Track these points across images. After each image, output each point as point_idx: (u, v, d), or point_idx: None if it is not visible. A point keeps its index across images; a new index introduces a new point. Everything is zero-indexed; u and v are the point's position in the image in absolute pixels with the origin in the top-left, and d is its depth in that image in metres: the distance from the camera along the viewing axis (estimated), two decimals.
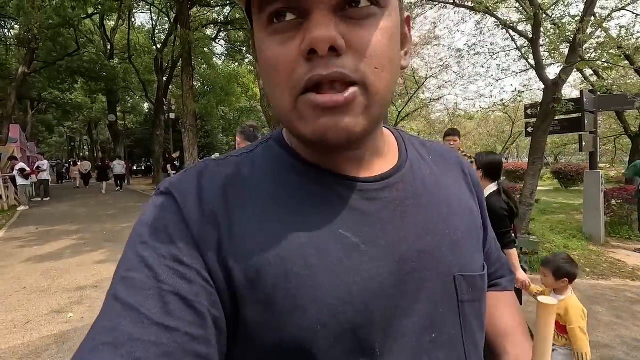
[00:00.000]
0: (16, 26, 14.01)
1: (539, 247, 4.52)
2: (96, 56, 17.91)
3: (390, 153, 0.47)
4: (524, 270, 2.40)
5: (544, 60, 5.41)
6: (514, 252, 2.26)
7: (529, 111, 6.06)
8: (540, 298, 0.40)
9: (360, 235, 0.39)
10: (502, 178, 2.38)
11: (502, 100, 7.22)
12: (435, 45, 9.46)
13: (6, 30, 14.77)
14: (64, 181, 21.28)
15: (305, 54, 0.33)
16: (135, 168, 24.40)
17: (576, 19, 4.76)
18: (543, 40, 5.16)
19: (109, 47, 20.14)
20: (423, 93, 11.75)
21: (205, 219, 0.37)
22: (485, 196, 1.65)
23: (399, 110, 10.29)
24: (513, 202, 2.29)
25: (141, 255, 0.35)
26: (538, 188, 5.37)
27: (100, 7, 13.06)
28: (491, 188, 2.32)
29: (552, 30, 5.16)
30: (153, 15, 19.65)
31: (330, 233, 0.38)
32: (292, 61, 0.34)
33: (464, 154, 3.83)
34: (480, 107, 9.63)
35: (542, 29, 4.80)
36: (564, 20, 4.97)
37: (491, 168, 2.33)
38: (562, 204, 9.74)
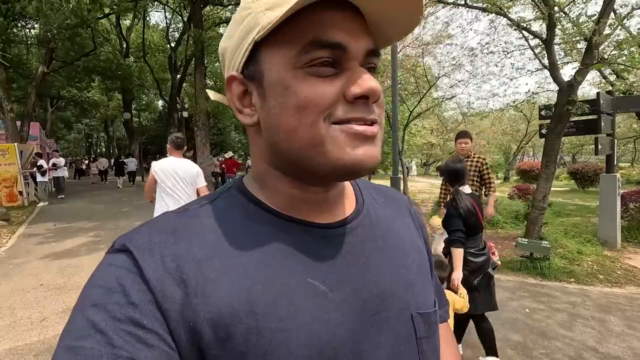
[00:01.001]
0: (36, 26, 14.40)
1: (551, 253, 4.43)
2: (112, 55, 18.27)
3: (350, 197, 0.50)
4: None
5: (559, 59, 5.28)
6: (458, 252, 2.36)
7: (543, 112, 5.91)
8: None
9: (328, 282, 0.40)
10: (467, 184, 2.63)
11: (514, 101, 7.05)
12: (448, 44, 9.31)
13: (27, 30, 15.18)
14: (81, 177, 21.90)
15: (352, 98, 0.37)
16: (145, 165, 24.76)
17: (592, 19, 4.61)
18: (559, 40, 5.03)
19: (124, 46, 20.51)
20: (436, 91, 11.61)
21: (167, 276, 0.35)
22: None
23: (411, 109, 10.18)
24: (467, 211, 2.42)
25: (91, 320, 0.32)
26: (553, 188, 5.25)
27: (116, 7, 13.30)
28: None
29: (568, 29, 5.02)
30: (167, 14, 19.91)
31: (299, 283, 0.38)
32: (331, 97, 0.37)
33: (476, 158, 3.74)
34: (492, 107, 9.44)
35: (557, 29, 4.68)
36: (580, 20, 4.82)
37: (452, 175, 2.61)
38: (577, 206, 9.50)
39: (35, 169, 10.34)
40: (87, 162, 24.31)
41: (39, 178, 10.57)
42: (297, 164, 0.40)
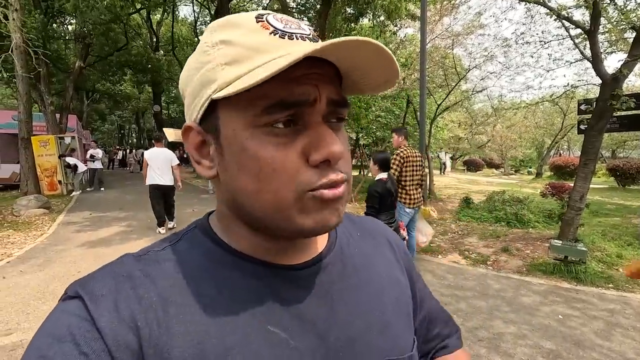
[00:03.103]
0: (73, 22, 15.05)
1: (588, 256, 4.20)
2: (143, 49, 18.86)
3: (322, 235, 0.47)
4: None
5: (602, 50, 4.94)
6: None
7: (582, 107, 5.59)
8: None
9: (290, 329, 0.38)
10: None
11: (551, 95, 6.68)
12: (480, 34, 8.92)
13: (65, 27, 15.90)
14: (113, 167, 23.08)
15: (315, 164, 0.35)
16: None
17: None
18: (603, 29, 4.70)
19: (154, 40, 21.08)
20: (465, 83, 11.20)
21: (121, 324, 0.34)
22: (376, 178, 2.78)
23: (439, 103, 9.89)
24: (394, 188, 3.46)
25: None
26: (590, 186, 4.97)
27: (147, 2, 13.67)
28: (382, 175, 3.39)
29: (614, 18, 4.68)
30: (195, 7, 20.24)
31: (259, 332, 0.37)
32: (295, 165, 0.35)
33: (398, 151, 3.92)
34: (526, 100, 8.99)
35: (602, 18, 4.37)
36: (628, 8, 4.47)
37: (383, 163, 3.42)
38: (617, 205, 8.97)
39: (67, 159, 10.85)
40: (121, 152, 25.65)
41: (80, 169, 11.12)
42: (258, 222, 0.38)
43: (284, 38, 0.35)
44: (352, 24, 11.99)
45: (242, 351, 0.36)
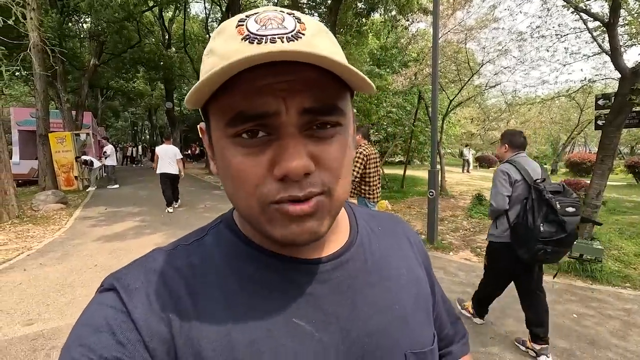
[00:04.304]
0: (87, 20, 15.31)
1: (604, 255, 4.12)
2: (155, 46, 19.06)
3: (343, 228, 0.48)
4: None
5: (622, 43, 4.79)
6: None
7: (600, 102, 5.43)
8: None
9: (314, 322, 0.39)
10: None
11: (568, 89, 6.52)
12: (494, 28, 8.74)
13: (80, 25, 16.19)
14: (127, 163, 23.53)
15: (277, 178, 0.34)
16: (188, 152, 26.00)
17: None
18: (623, 22, 4.55)
19: (166, 37, 21.30)
20: (478, 78, 11.01)
21: (154, 316, 0.35)
22: None
23: (451, 98, 9.76)
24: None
25: None
26: (608, 183, 4.85)
27: (159, 0, 13.82)
28: None
29: (635, 10, 4.53)
30: (206, 4, 20.35)
31: (283, 324, 0.38)
32: (261, 176, 0.35)
33: (359, 149, 3.82)
34: (541, 95, 8.80)
35: (622, 10, 4.23)
36: None
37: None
38: (635, 203, 8.74)
39: (83, 157, 11.10)
40: (130, 149, 26.13)
41: (95, 165, 11.36)
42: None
43: (253, 43, 0.33)
44: (363, 19, 11.89)
45: (268, 343, 0.36)
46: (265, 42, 0.33)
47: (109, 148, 12.14)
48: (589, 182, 4.93)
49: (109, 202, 8.90)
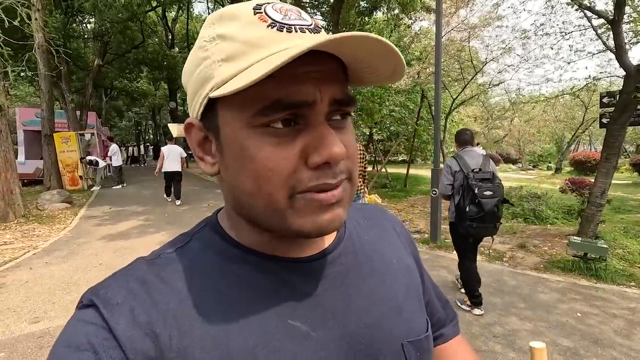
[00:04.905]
0: (92, 20, 15.41)
1: (608, 254, 4.10)
2: (159, 46, 19.15)
3: None
4: None
5: (628, 41, 4.76)
6: None
7: (605, 100, 5.40)
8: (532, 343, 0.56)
9: (310, 321, 0.39)
10: None
11: (572, 87, 6.49)
12: (498, 26, 8.70)
13: (84, 25, 16.30)
14: (133, 164, 23.69)
15: (313, 166, 0.34)
16: (191, 152, 26.09)
17: None
18: (628, 19, 4.52)
19: (170, 37, 21.39)
20: (481, 76, 10.97)
21: (139, 331, 0.33)
22: None
23: (454, 97, 9.72)
24: None
25: None
26: (613, 181, 4.82)
27: (162, 0, 13.90)
28: None
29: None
30: (209, 4, 20.42)
31: (280, 326, 0.37)
32: (292, 165, 0.34)
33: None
34: (545, 93, 8.75)
35: (626, 7, 4.20)
36: None
37: None
38: None
39: (89, 157, 11.20)
40: (131, 148, 26.29)
41: (100, 164, 11.44)
42: (258, 222, 0.38)
43: (282, 31, 0.33)
44: (366, 18, 11.87)
45: (266, 348, 0.36)
46: (296, 32, 0.34)
47: (112, 148, 11.95)
48: (593, 180, 4.91)
49: (113, 202, 8.96)
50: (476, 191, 2.85)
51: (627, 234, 5.27)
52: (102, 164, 11.60)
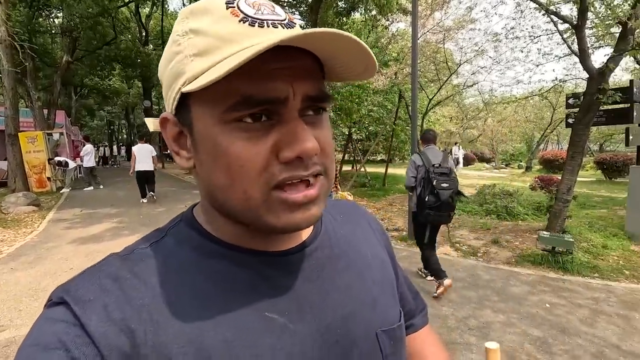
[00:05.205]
0: (60, 15, 14.74)
1: (574, 247, 4.31)
2: (132, 43, 18.56)
3: None
4: None
5: (590, 45, 5.02)
6: None
7: (570, 101, 5.68)
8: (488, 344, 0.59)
9: (287, 314, 0.39)
10: None
11: (540, 89, 6.79)
12: (471, 29, 8.97)
13: (51, 20, 15.57)
14: (104, 165, 22.84)
15: (286, 160, 0.34)
16: (168, 152, 25.36)
17: (628, 2, 4.35)
18: (590, 25, 4.77)
19: (143, 34, 20.75)
20: (456, 77, 11.28)
21: (113, 327, 0.32)
22: None
23: (430, 97, 9.95)
24: None
25: None
26: (578, 179, 5.08)
27: None
28: None
29: (601, 13, 4.75)
30: (185, 0, 19.95)
31: (257, 319, 0.37)
32: (264, 159, 0.34)
33: None
34: (516, 94, 9.11)
35: (589, 13, 4.44)
36: (614, 4, 4.55)
37: None
38: (604, 198, 9.17)
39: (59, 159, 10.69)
40: (102, 148, 25.35)
41: (70, 165, 10.94)
42: (233, 216, 0.38)
43: (254, 26, 0.33)
44: (344, 18, 11.95)
45: (243, 341, 0.36)
46: (268, 27, 0.34)
47: (85, 148, 11.42)
48: (560, 178, 5.15)
49: (84, 204, 8.61)
50: (434, 183, 3.29)
51: (592, 228, 5.56)
52: (72, 164, 11.09)
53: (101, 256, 0.40)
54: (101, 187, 11.39)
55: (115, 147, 28.09)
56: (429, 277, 3.83)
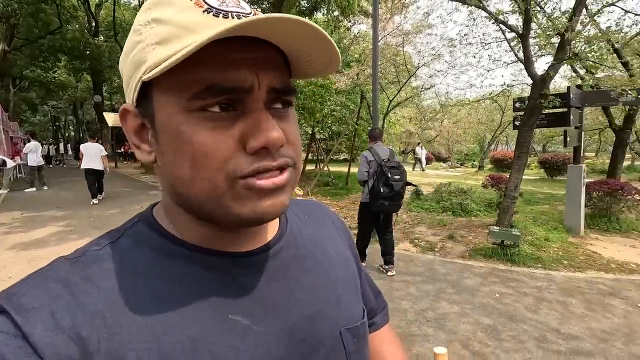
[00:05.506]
0: None
1: (521, 240, 4.65)
2: (80, 34, 17.30)
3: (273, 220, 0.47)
4: None
5: (533, 53, 5.43)
6: None
7: (517, 104, 6.11)
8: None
9: (251, 315, 0.39)
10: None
11: (490, 93, 7.25)
12: (428, 34, 9.37)
13: None
14: (49, 164, 21.11)
15: (252, 151, 0.34)
16: (121, 150, 23.92)
17: (566, 15, 4.76)
18: (534, 34, 5.16)
19: (93, 24, 19.41)
20: (415, 80, 11.73)
21: (61, 336, 0.31)
22: None
23: (390, 98, 10.25)
24: None
25: None
26: (524, 177, 5.49)
27: None
28: None
29: (543, 24, 5.16)
30: None
31: (220, 321, 0.37)
32: (229, 149, 0.34)
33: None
34: (469, 97, 9.66)
35: (532, 23, 4.80)
36: (554, 16, 4.96)
37: None
38: (546, 194, 9.97)
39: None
40: (47, 146, 23.46)
41: (9, 164, 9.95)
42: (198, 211, 0.37)
43: (218, 17, 0.33)
44: (307, 17, 11.98)
45: (205, 344, 0.35)
46: (232, 18, 0.33)
47: (29, 145, 10.33)
48: (509, 176, 5.53)
49: (26, 206, 7.91)
50: (389, 175, 3.65)
51: (535, 223, 6.03)
52: (10, 163, 10.13)
53: (46, 262, 0.37)
54: (45, 187, 10.50)
55: (62, 145, 26.00)
56: (390, 273, 4.00)
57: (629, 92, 4.74)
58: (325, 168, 11.92)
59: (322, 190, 10.06)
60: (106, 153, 8.35)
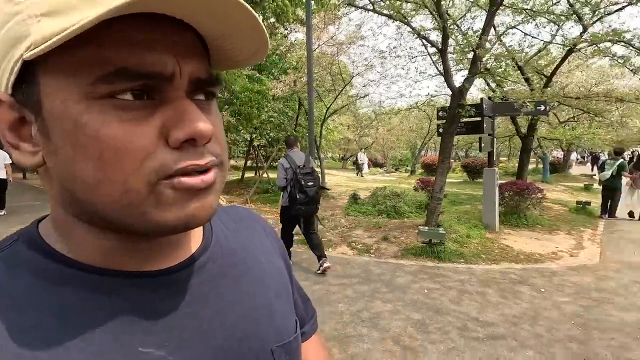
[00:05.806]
0: None
1: (446, 238, 5.04)
2: None
3: (196, 230, 0.42)
4: None
5: (452, 67, 5.99)
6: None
7: (440, 113, 6.66)
8: None
9: (167, 344, 0.33)
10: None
11: (417, 102, 7.84)
12: (361, 45, 9.83)
13: None
14: None
15: (176, 144, 0.29)
16: None
17: (477, 34, 5.33)
18: (452, 50, 5.70)
19: None
20: (351, 88, 12.19)
21: None
22: None
23: (328, 106, 10.52)
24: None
25: None
26: (449, 180, 5.98)
27: None
28: None
29: (459, 41, 5.72)
30: None
31: (128, 357, 0.31)
32: (149, 143, 0.29)
33: None
34: (400, 107, 10.32)
35: (450, 40, 5.29)
36: (468, 34, 5.52)
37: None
38: (468, 195, 10.96)
39: None
40: None
41: None
42: (105, 222, 0.31)
43: None
44: None
45: None
46: None
47: None
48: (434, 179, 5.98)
49: None
50: (302, 183, 3.90)
51: (459, 221, 6.59)
52: None
53: None
54: None
55: None
56: (325, 264, 4.21)
57: (528, 104, 5.44)
58: (265, 175, 11.78)
59: (261, 198, 9.91)
60: (10, 161, 7.29)
